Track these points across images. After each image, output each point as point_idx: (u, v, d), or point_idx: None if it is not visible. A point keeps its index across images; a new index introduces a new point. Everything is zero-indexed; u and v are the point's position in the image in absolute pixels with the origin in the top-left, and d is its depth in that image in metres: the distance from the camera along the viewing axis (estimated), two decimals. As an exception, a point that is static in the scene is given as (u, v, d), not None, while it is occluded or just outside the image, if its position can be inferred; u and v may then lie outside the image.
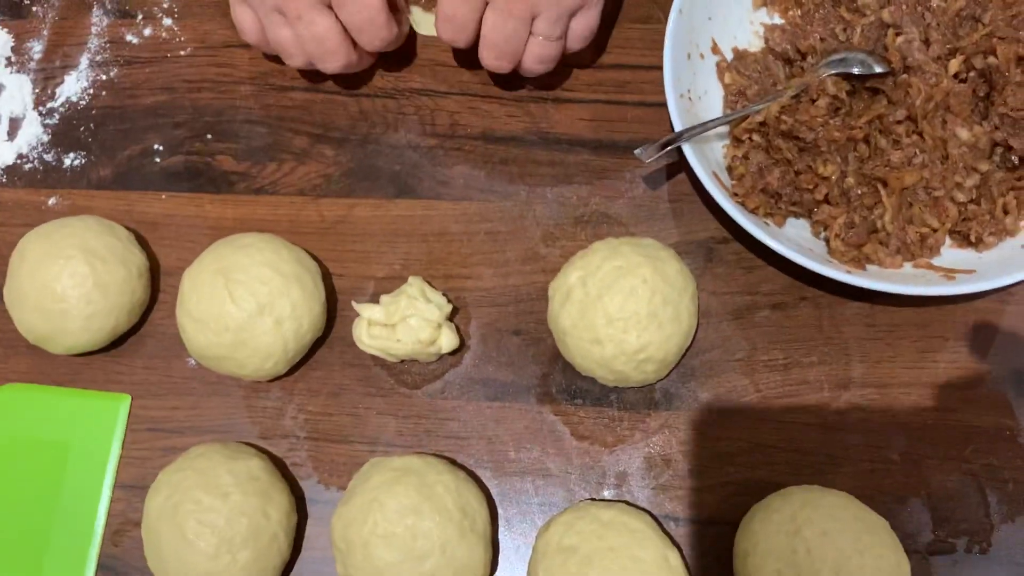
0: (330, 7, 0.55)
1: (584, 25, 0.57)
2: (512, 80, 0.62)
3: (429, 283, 0.58)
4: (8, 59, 0.67)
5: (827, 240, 0.55)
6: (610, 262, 0.53)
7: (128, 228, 0.61)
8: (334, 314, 0.59)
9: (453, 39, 0.57)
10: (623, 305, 0.52)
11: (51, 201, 0.63)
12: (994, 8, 0.57)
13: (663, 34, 0.60)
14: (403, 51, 0.64)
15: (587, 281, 0.53)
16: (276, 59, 0.63)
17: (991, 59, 0.56)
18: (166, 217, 0.62)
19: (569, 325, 0.53)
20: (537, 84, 0.63)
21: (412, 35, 0.64)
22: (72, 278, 0.56)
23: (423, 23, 0.64)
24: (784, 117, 0.55)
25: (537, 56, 0.57)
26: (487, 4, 0.55)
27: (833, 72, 0.56)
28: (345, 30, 0.57)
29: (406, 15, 0.62)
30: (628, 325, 0.52)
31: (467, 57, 0.62)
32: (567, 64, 0.63)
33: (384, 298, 0.57)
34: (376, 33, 0.57)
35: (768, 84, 0.59)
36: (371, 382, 0.58)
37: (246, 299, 0.54)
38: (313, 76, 0.64)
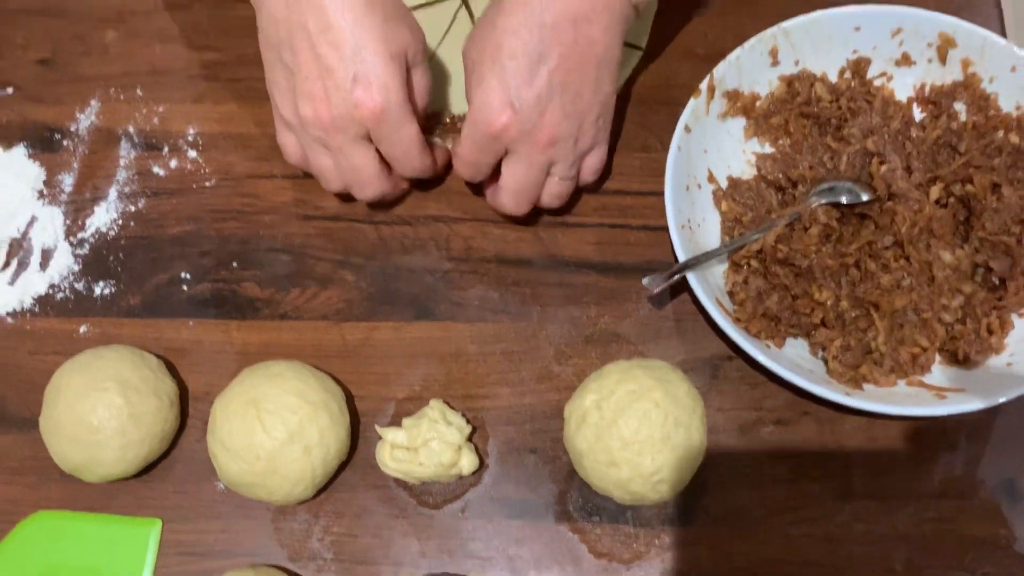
0: (369, 140, 0.59)
1: (596, 160, 0.62)
2: (524, 219, 0.66)
3: (449, 404, 0.61)
4: (40, 192, 0.70)
5: (825, 360, 0.59)
6: (623, 386, 0.56)
7: (157, 355, 0.63)
8: (357, 436, 0.62)
9: (470, 178, 0.61)
10: (638, 429, 0.55)
11: (82, 329, 0.66)
12: (968, 137, 0.62)
13: (661, 162, 0.64)
14: (421, 179, 0.68)
15: (602, 405, 0.56)
16: (308, 176, 0.67)
17: (968, 187, 0.60)
18: (194, 343, 0.65)
19: (585, 447, 0.56)
20: (545, 210, 0.67)
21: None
22: (108, 410, 0.58)
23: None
24: (780, 245, 0.59)
25: (555, 194, 0.62)
26: (506, 152, 0.59)
27: (824, 201, 0.61)
28: (382, 160, 0.60)
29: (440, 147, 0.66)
30: (643, 448, 0.55)
31: (479, 184, 0.66)
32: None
33: (406, 421, 0.60)
34: (412, 163, 0.60)
35: (762, 211, 0.63)
36: (394, 503, 0.60)
37: (277, 428, 0.57)
38: (346, 198, 0.67)
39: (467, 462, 0.59)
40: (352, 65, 0.55)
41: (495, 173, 0.62)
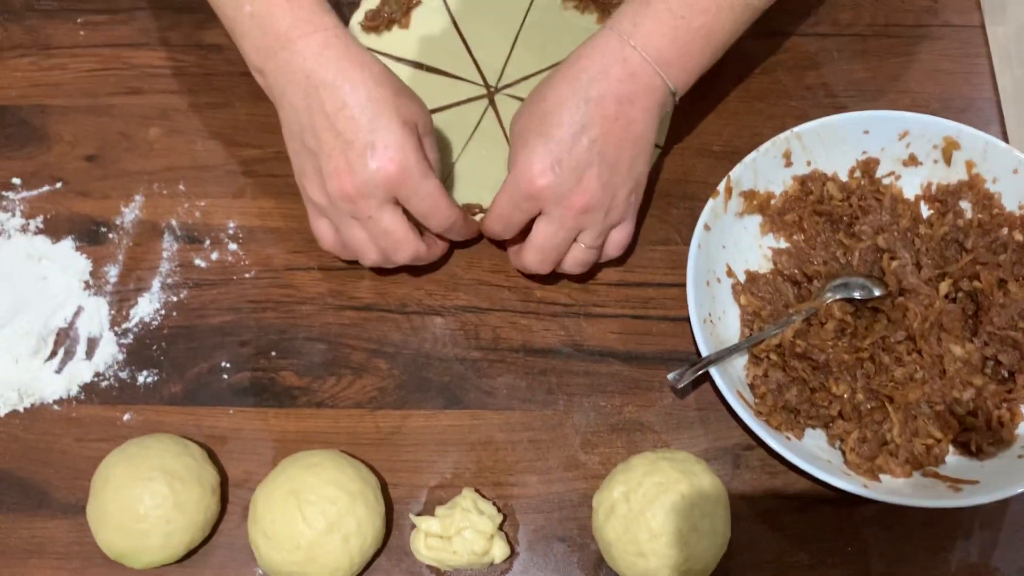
0: (396, 203, 0.62)
1: (623, 236, 0.65)
2: (543, 278, 0.70)
3: (480, 492, 0.64)
4: (87, 283, 0.73)
5: (843, 452, 0.61)
6: (650, 478, 0.58)
7: (198, 443, 0.66)
8: (391, 524, 0.64)
9: (498, 234, 0.65)
10: (665, 520, 0.57)
11: (126, 417, 0.68)
12: (974, 235, 0.65)
13: (680, 254, 0.68)
14: (451, 271, 0.71)
15: (630, 496, 0.58)
16: (343, 268, 0.70)
17: (976, 283, 0.63)
18: (233, 431, 0.67)
19: (614, 538, 0.58)
20: (570, 300, 0.70)
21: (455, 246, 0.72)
22: (153, 499, 0.61)
23: None
24: (798, 340, 0.62)
25: (578, 261, 0.65)
26: (540, 213, 0.62)
27: (838, 296, 0.64)
28: (411, 222, 0.64)
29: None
30: (671, 540, 0.57)
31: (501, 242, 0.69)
32: (598, 281, 0.70)
33: (439, 510, 0.62)
34: (440, 215, 0.63)
35: (780, 305, 0.66)
36: (428, 590, 0.62)
37: (317, 519, 0.59)
38: (382, 285, 0.70)
39: (499, 551, 0.61)
40: (369, 135, 0.59)
41: (521, 232, 0.65)
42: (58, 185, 0.77)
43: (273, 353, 0.70)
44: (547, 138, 0.60)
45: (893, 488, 0.59)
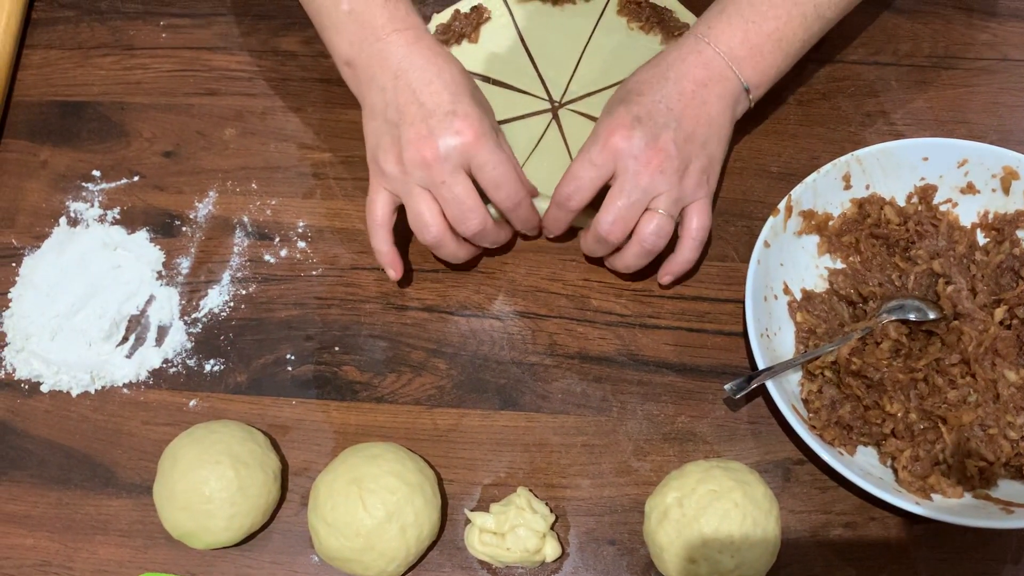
0: (468, 174, 0.65)
1: (701, 215, 0.66)
2: (604, 278, 0.72)
3: (533, 492, 0.65)
4: (159, 273, 0.76)
5: (895, 469, 0.62)
6: (704, 485, 0.60)
7: (261, 431, 0.68)
8: (445, 518, 0.65)
9: (570, 196, 0.66)
10: (718, 527, 0.58)
11: (191, 403, 0.71)
12: (1030, 263, 0.66)
13: (737, 271, 0.69)
14: (510, 278, 0.73)
15: (684, 502, 0.60)
16: (411, 266, 0.72)
17: (1031, 310, 0.64)
18: (295, 422, 0.70)
19: (666, 542, 0.59)
20: (626, 310, 0.71)
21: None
22: (219, 481, 0.63)
23: None
24: (853, 358, 0.63)
25: (652, 230, 0.64)
26: (613, 176, 0.64)
27: (893, 318, 0.65)
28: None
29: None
30: (723, 546, 0.58)
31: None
32: (653, 293, 0.72)
33: (494, 507, 0.63)
34: (512, 187, 0.66)
35: (835, 324, 0.67)
36: (479, 584, 0.64)
37: (377, 507, 0.61)
38: (449, 267, 0.73)
39: (550, 550, 0.62)
40: (451, 106, 0.64)
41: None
42: (135, 179, 0.80)
43: (336, 348, 0.72)
44: (628, 103, 0.65)
45: (944, 507, 0.59)
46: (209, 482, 0.63)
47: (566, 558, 0.64)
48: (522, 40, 0.82)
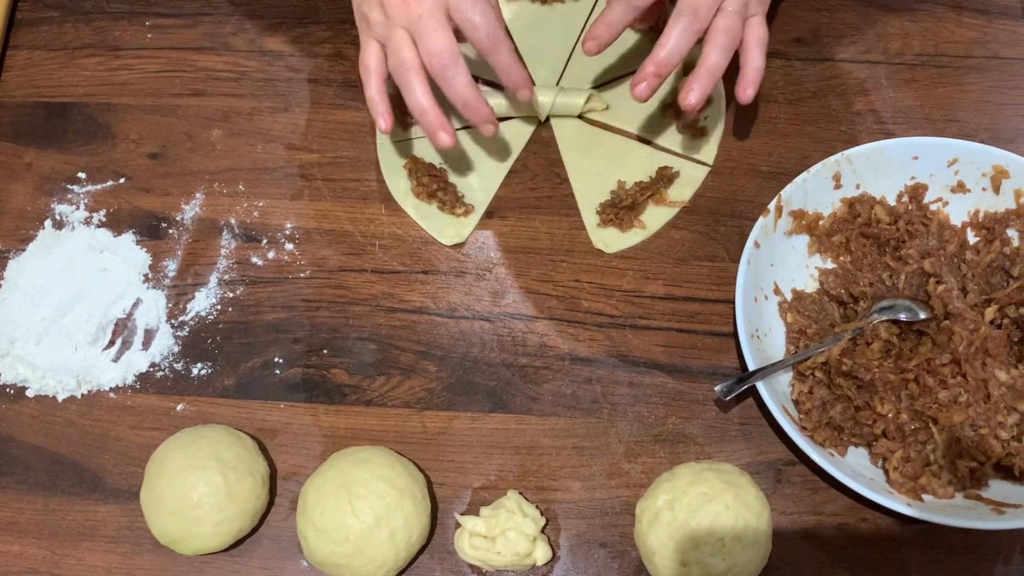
0: (449, 20, 0.65)
1: (760, 30, 0.67)
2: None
3: (523, 495, 0.65)
4: (146, 276, 0.75)
5: (886, 470, 0.62)
6: (695, 487, 0.59)
7: (249, 435, 0.67)
8: (435, 522, 0.65)
9: None
10: (710, 530, 0.58)
11: (179, 407, 0.70)
12: (1021, 262, 0.66)
13: (727, 271, 0.69)
14: (502, 277, 0.72)
15: (675, 505, 0.59)
16: (394, 272, 0.72)
17: (1022, 310, 0.64)
18: (284, 425, 0.69)
19: (658, 545, 0.59)
20: (616, 311, 0.71)
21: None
22: (207, 486, 0.62)
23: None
24: (844, 359, 0.63)
25: (725, 26, 0.65)
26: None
27: (884, 318, 0.64)
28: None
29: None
30: (714, 549, 0.58)
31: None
32: (643, 294, 0.71)
33: (484, 511, 0.63)
34: (490, 27, 0.65)
35: (826, 324, 0.67)
36: (469, 588, 0.63)
37: (366, 512, 0.60)
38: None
39: (541, 553, 0.62)
40: None
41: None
42: (121, 181, 0.79)
43: (325, 351, 0.71)
44: None
45: (935, 507, 0.59)
46: (197, 487, 0.62)
47: (557, 561, 0.64)
48: (510, 39, 0.82)
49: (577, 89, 0.77)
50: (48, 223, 0.78)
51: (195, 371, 0.72)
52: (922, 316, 0.64)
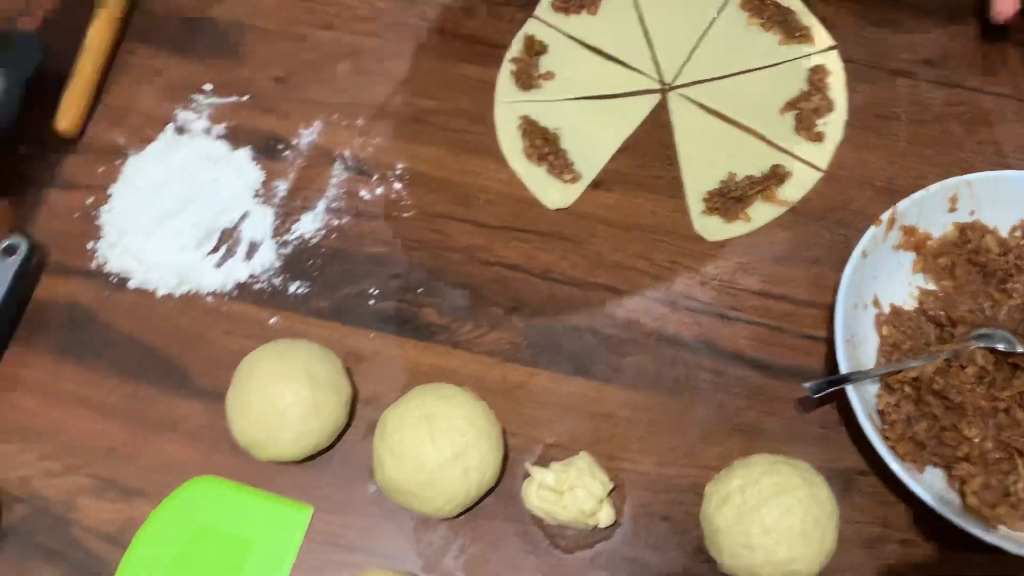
0: None
1: None
2: None
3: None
4: (257, 191, 0.77)
5: (962, 494, 0.62)
6: (769, 477, 0.60)
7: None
8: (504, 469, 0.66)
9: None
10: (779, 519, 0.58)
11: (272, 320, 0.72)
12: None
13: (826, 277, 0.69)
14: (598, 248, 0.73)
15: (747, 490, 0.60)
16: (494, 227, 0.73)
17: (1123, 359, 0.63)
18: (371, 353, 0.71)
19: (724, 526, 0.60)
20: (710, 299, 0.71)
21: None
22: (295, 397, 0.64)
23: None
24: (937, 378, 0.63)
25: None
26: None
27: (981, 345, 0.64)
28: None
29: None
30: (780, 538, 0.58)
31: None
32: (739, 286, 0.72)
33: (555, 465, 0.64)
34: None
35: (920, 343, 0.66)
36: (528, 539, 0.64)
37: (445, 446, 0.61)
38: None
39: (605, 515, 0.63)
40: None
41: None
42: (245, 98, 0.81)
43: (419, 290, 0.73)
44: None
45: (1008, 537, 0.59)
46: (285, 397, 0.64)
47: (618, 527, 0.65)
48: (641, 19, 0.83)
49: None
50: (170, 128, 0.80)
51: (292, 288, 0.74)
52: (1020, 350, 0.64)
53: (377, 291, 0.73)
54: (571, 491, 0.62)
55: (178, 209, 0.76)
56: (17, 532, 0.66)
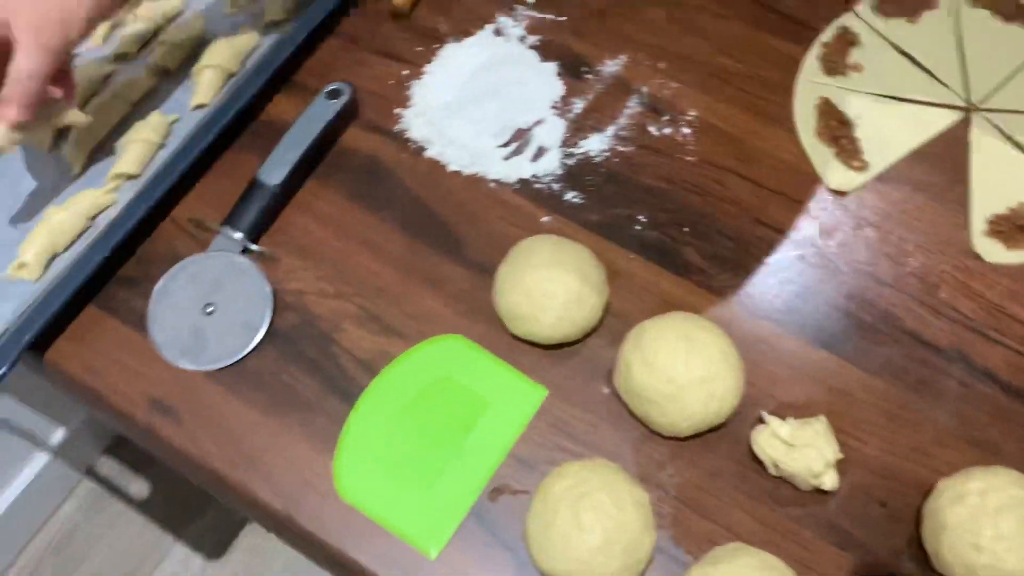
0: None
1: None
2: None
3: (827, 428, 0.67)
4: (555, 103, 0.82)
5: None
6: (1015, 489, 0.59)
7: (600, 266, 0.73)
8: (736, 411, 0.68)
9: None
10: (1017, 530, 0.58)
11: (545, 219, 0.77)
12: None
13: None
14: (866, 236, 0.74)
15: (987, 494, 0.59)
16: (771, 190, 0.75)
17: None
18: (627, 273, 0.74)
19: (954, 522, 0.60)
20: (973, 314, 0.71)
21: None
22: (564, 286, 0.68)
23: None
24: None
25: None
26: None
27: None
28: None
29: None
30: (1012, 547, 0.58)
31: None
32: (1006, 311, 0.71)
33: (792, 420, 0.65)
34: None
35: None
36: (745, 480, 0.66)
37: (697, 366, 0.64)
38: None
39: (829, 480, 0.64)
40: None
41: None
42: (563, 19, 0.87)
43: (686, 229, 0.76)
44: None
45: None
46: (555, 282, 0.68)
47: (834, 496, 0.65)
48: (959, 35, 0.83)
49: None
50: (489, 28, 0.86)
51: (568, 196, 0.78)
52: None
53: (646, 219, 0.76)
54: (803, 448, 0.64)
55: (482, 99, 0.82)
56: (287, 336, 0.73)
